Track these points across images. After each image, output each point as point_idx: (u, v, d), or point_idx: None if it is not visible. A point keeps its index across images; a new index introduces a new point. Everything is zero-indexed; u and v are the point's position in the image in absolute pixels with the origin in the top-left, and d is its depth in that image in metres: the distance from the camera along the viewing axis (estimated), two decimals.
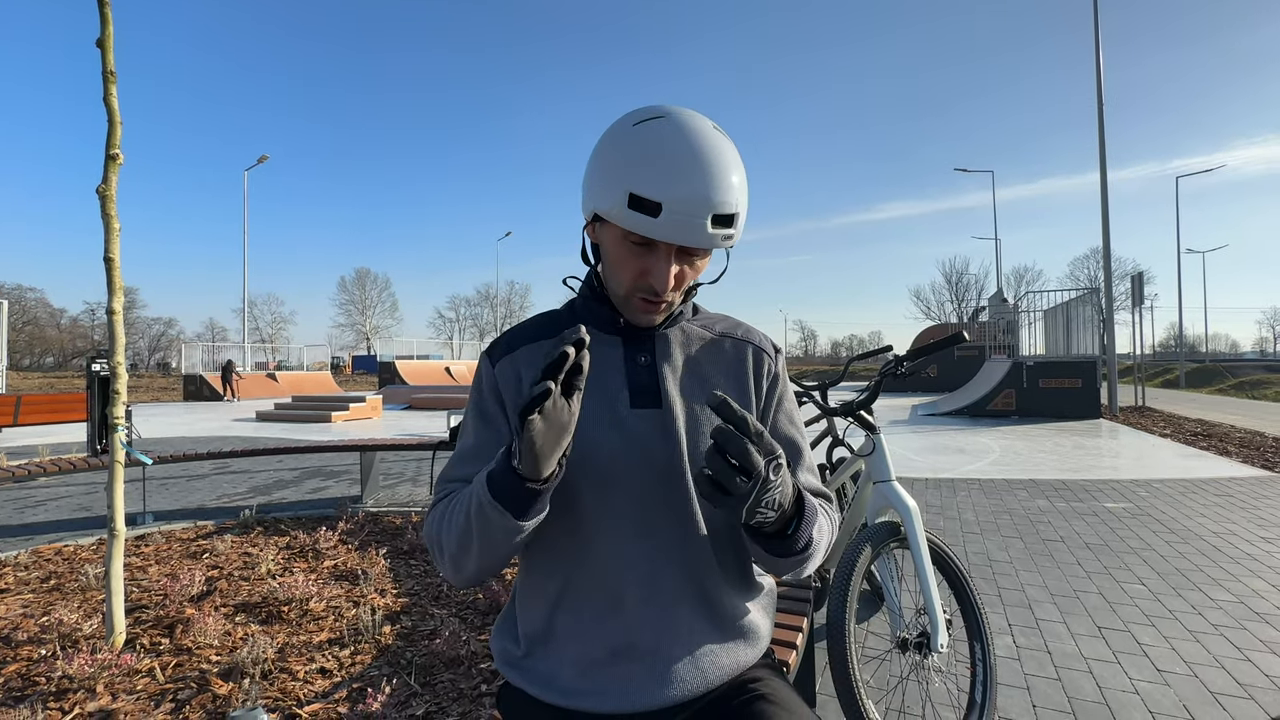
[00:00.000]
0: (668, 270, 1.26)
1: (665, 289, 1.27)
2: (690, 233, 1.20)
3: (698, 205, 1.19)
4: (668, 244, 1.25)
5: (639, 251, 1.27)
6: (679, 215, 1.19)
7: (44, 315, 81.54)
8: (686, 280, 1.32)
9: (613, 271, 1.33)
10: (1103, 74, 19.84)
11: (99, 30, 3.44)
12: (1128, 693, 3.14)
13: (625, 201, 1.20)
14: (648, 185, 1.19)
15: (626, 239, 1.26)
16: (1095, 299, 18.45)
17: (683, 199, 1.18)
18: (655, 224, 1.19)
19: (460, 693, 2.99)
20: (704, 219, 1.20)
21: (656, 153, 1.20)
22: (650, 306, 1.32)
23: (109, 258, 3.49)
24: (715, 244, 1.24)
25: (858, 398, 3.13)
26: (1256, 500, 7.22)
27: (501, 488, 1.11)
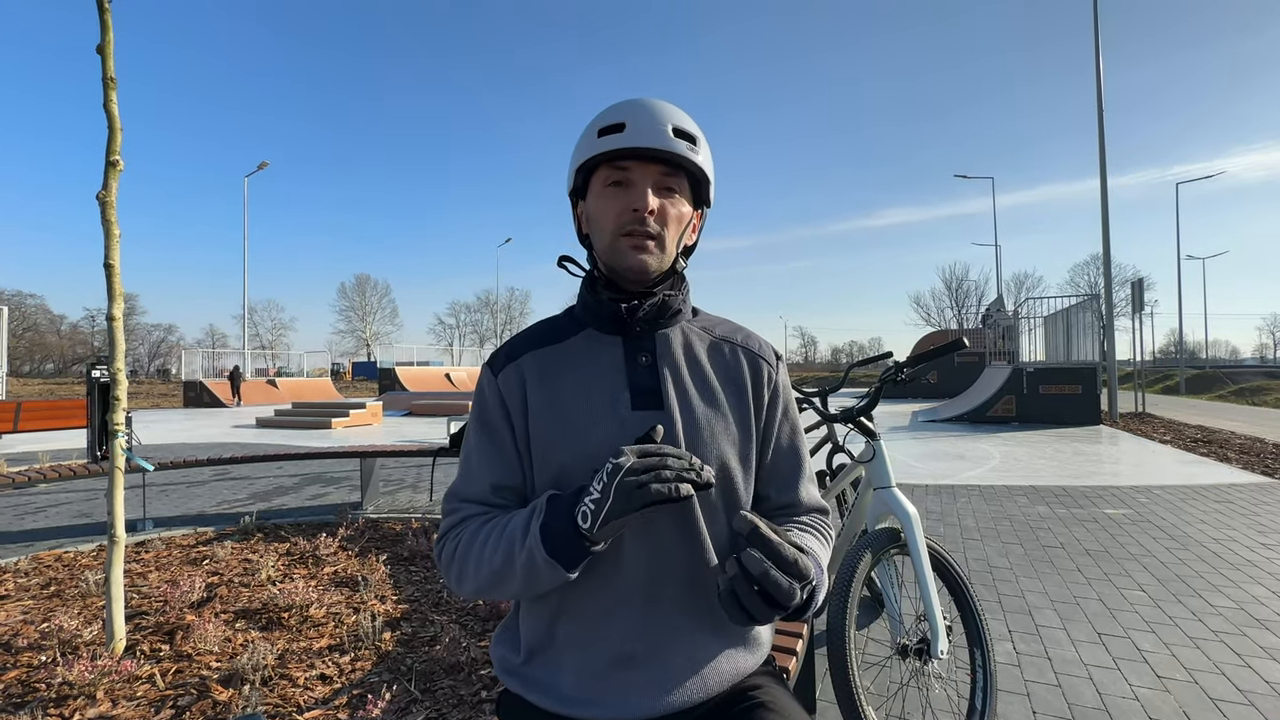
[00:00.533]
0: (646, 191, 1.32)
1: (645, 206, 1.31)
2: (655, 136, 1.31)
3: (656, 116, 1.32)
4: (642, 171, 1.33)
5: (617, 191, 1.34)
6: (641, 124, 1.31)
7: (44, 321, 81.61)
8: (669, 217, 1.35)
9: (599, 224, 1.37)
10: (1103, 79, 19.88)
11: (99, 36, 3.45)
12: (1128, 699, 3.14)
13: (595, 137, 1.33)
14: (612, 115, 1.33)
15: (605, 185, 1.35)
16: (1095, 305, 18.46)
17: (642, 114, 1.32)
18: (622, 136, 1.30)
19: (460, 699, 2.99)
20: (665, 126, 1.31)
21: (618, 103, 1.37)
22: (637, 241, 1.33)
23: (109, 264, 3.49)
24: (681, 151, 1.32)
25: (858, 404, 3.13)
26: (1256, 506, 7.22)
27: (563, 546, 1.16)
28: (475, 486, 1.37)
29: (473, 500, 1.36)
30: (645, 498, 1.08)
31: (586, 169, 1.37)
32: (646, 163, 1.33)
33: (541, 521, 1.18)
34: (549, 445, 1.33)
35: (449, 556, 1.32)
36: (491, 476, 1.36)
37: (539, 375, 1.38)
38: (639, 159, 1.32)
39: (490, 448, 1.38)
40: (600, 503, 1.11)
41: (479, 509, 1.35)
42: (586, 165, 1.36)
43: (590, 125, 1.36)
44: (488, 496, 1.36)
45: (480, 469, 1.37)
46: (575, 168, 1.38)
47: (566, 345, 1.41)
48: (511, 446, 1.37)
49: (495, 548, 1.23)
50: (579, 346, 1.41)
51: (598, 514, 1.11)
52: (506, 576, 1.22)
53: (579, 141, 1.38)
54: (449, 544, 1.33)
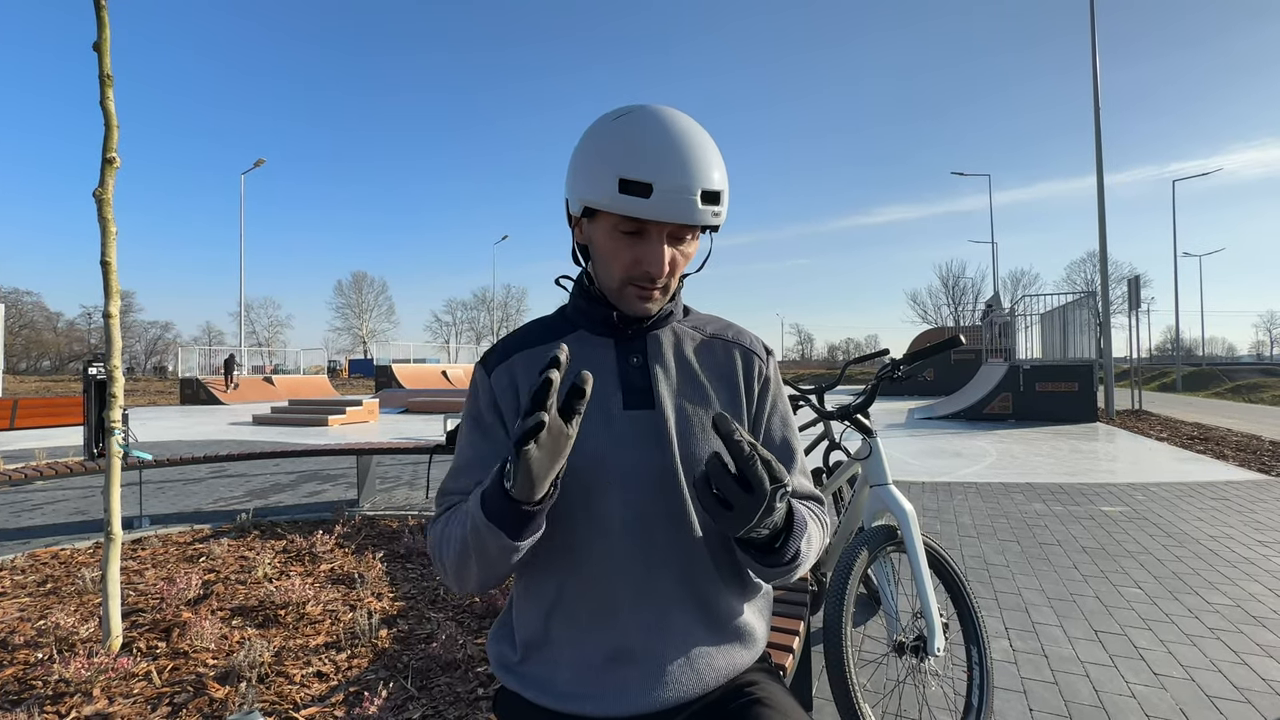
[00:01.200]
0: (661, 253, 1.28)
1: (661, 272, 1.28)
2: (681, 209, 1.23)
3: (686, 182, 1.22)
4: (659, 227, 1.26)
5: (630, 240, 1.28)
6: (669, 193, 1.21)
7: (41, 319, 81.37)
8: (679, 266, 1.33)
9: (605, 265, 1.33)
10: (1099, 77, 19.89)
11: (96, 33, 3.45)
12: (1124, 696, 3.15)
13: (615, 188, 1.22)
14: (636, 169, 1.21)
15: (617, 229, 1.28)
16: (1092, 302, 18.47)
17: (671, 177, 1.21)
18: (647, 204, 1.21)
19: (457, 696, 2.99)
20: (694, 195, 1.23)
21: (641, 139, 1.23)
22: (645, 294, 1.33)
23: (106, 261, 3.49)
24: (706, 220, 1.26)
25: (854, 401, 3.13)
26: (1253, 504, 7.23)
27: (495, 509, 1.12)
28: (465, 483, 1.36)
29: (461, 495, 1.36)
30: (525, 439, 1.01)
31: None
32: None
33: (481, 491, 1.16)
34: None
35: (435, 546, 1.32)
36: (481, 474, 1.35)
37: (527, 376, 1.38)
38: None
39: (481, 445, 1.38)
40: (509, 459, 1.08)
41: (462, 499, 1.35)
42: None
43: (603, 156, 1.25)
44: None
45: (471, 467, 1.37)
46: (584, 204, 1.30)
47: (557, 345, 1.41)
48: (502, 444, 1.37)
49: (457, 526, 1.23)
50: (571, 347, 1.40)
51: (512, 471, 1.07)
52: (465, 556, 1.20)
53: (587, 166, 1.28)
54: (433, 533, 1.35)
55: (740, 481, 1.07)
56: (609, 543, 1.29)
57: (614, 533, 1.29)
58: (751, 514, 1.08)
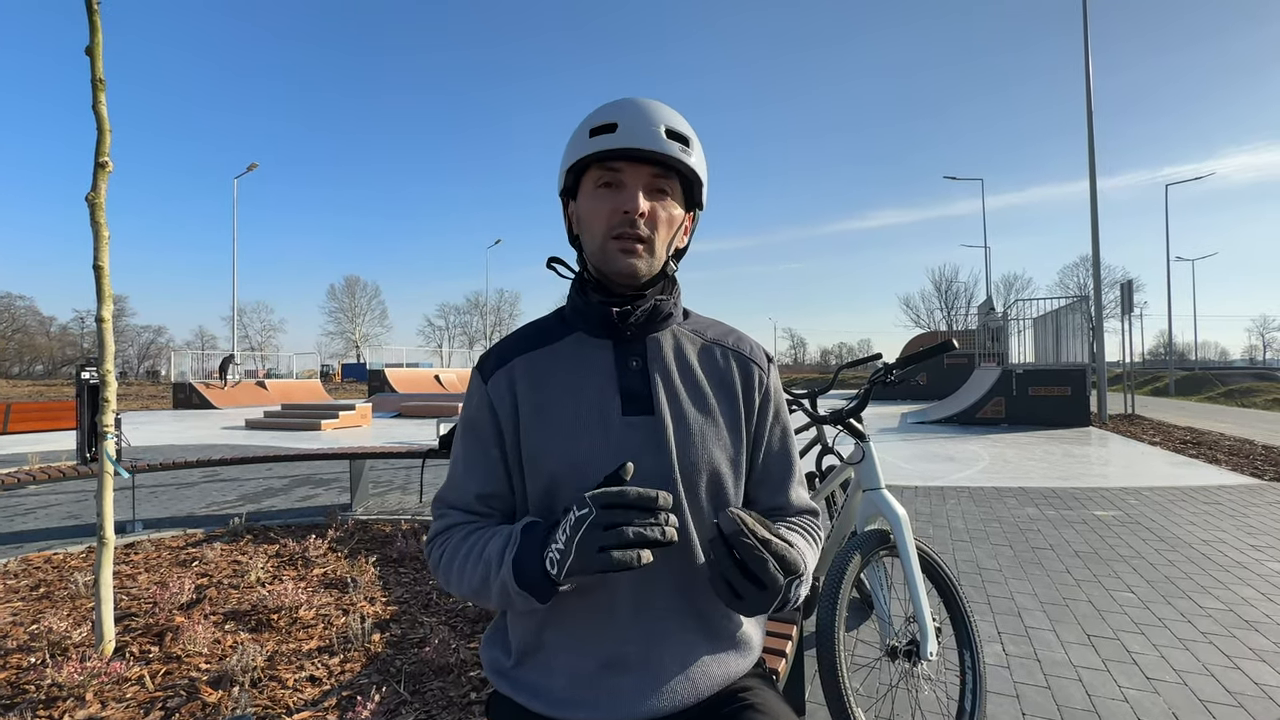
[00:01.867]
0: (637, 193, 1.31)
1: (636, 208, 1.30)
2: (648, 138, 1.29)
3: (649, 116, 1.31)
4: (633, 173, 1.32)
5: (609, 192, 1.33)
6: (633, 124, 1.29)
7: (33, 323, 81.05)
8: (659, 220, 1.34)
9: (589, 229, 1.36)
10: (1092, 81, 19.94)
11: (88, 38, 3.44)
12: (1117, 701, 3.15)
13: (587, 136, 1.31)
14: (604, 115, 1.32)
15: (596, 186, 1.34)
16: (1085, 307, 18.52)
17: (635, 114, 1.31)
18: (614, 137, 1.29)
19: (450, 701, 2.98)
20: (658, 127, 1.30)
21: (610, 103, 1.35)
22: (628, 244, 1.32)
23: (98, 265, 3.48)
24: (673, 152, 1.30)
25: (847, 405, 3.14)
26: (1245, 508, 7.25)
27: (531, 582, 1.17)
28: (461, 494, 1.39)
29: (459, 508, 1.39)
30: (603, 563, 1.08)
31: (578, 169, 1.36)
32: (638, 164, 1.31)
33: (514, 555, 1.20)
34: (538, 453, 1.33)
35: (435, 563, 1.36)
36: (477, 485, 1.38)
37: (528, 381, 1.37)
38: (630, 160, 1.31)
39: (477, 456, 1.39)
40: (564, 555, 1.12)
41: (464, 517, 1.38)
42: (577, 165, 1.35)
43: (582, 125, 1.34)
44: (473, 505, 1.38)
45: (467, 477, 1.39)
46: (566, 168, 1.37)
47: (556, 349, 1.41)
48: (498, 455, 1.38)
49: (474, 568, 1.26)
50: (568, 350, 1.40)
51: (561, 565, 1.12)
52: (484, 595, 1.25)
53: (570, 141, 1.37)
54: (435, 551, 1.37)
55: (752, 578, 1.12)
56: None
57: None
58: (765, 606, 1.15)
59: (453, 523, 1.37)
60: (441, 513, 1.41)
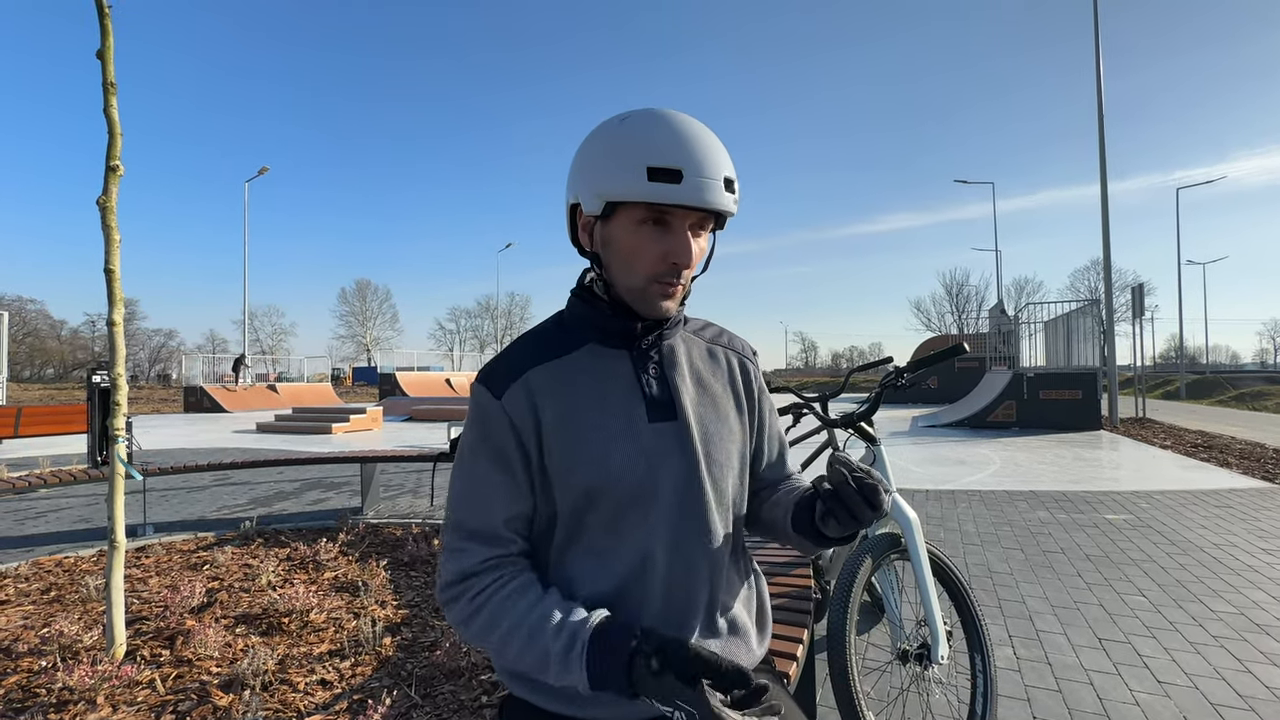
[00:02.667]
0: (688, 242, 1.27)
1: (689, 263, 1.28)
2: (710, 193, 1.22)
3: (711, 166, 1.23)
4: (683, 217, 1.26)
5: (656, 232, 1.26)
6: (699, 178, 1.21)
7: (44, 327, 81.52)
8: (696, 256, 1.32)
9: (626, 264, 1.29)
10: (1103, 84, 19.88)
11: (99, 41, 3.46)
12: (1128, 704, 3.14)
13: (644, 176, 1.20)
14: (664, 156, 1.21)
15: (642, 223, 1.26)
16: (1096, 310, 18.47)
17: (698, 162, 1.21)
18: (678, 190, 1.20)
19: (461, 704, 2.99)
20: (719, 180, 1.23)
21: (664, 131, 1.23)
22: (669, 290, 1.30)
23: (109, 269, 3.50)
24: (728, 206, 1.26)
25: (858, 409, 3.13)
26: (1257, 512, 7.22)
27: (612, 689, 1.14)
28: (485, 520, 1.30)
29: (482, 538, 1.30)
30: None
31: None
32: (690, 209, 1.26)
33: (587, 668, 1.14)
34: (569, 467, 1.29)
35: (462, 619, 1.27)
36: (503, 510, 1.30)
37: (548, 393, 1.32)
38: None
39: (498, 477, 1.31)
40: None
41: (488, 551, 1.29)
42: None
43: (626, 148, 1.23)
44: (500, 531, 1.30)
45: (488, 501, 1.30)
46: (605, 198, 1.26)
47: (571, 359, 1.37)
48: (522, 474, 1.31)
49: (524, 652, 1.20)
50: (585, 362, 1.37)
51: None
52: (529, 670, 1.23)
53: (607, 161, 1.26)
54: (461, 604, 1.27)
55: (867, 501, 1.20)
56: (638, 555, 1.29)
57: (643, 545, 1.29)
58: (869, 522, 1.23)
59: (477, 564, 1.28)
60: (460, 547, 1.30)
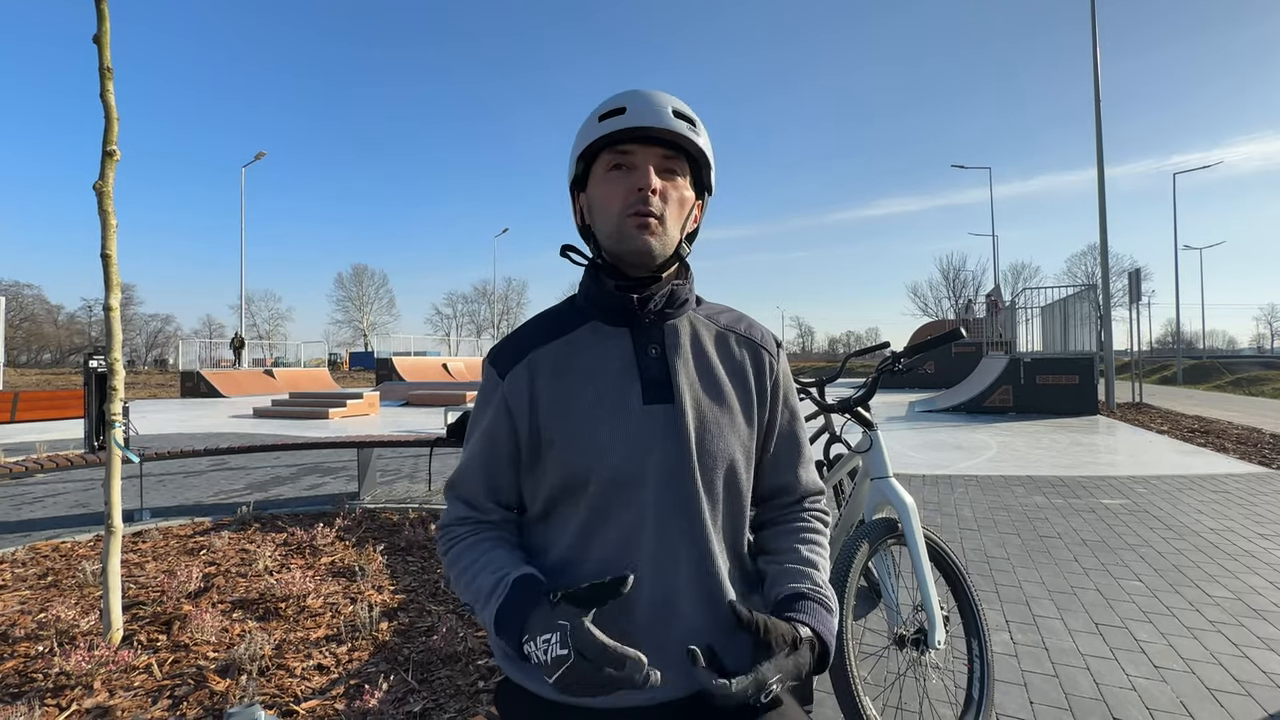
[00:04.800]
0: (648, 170, 1.33)
1: (648, 184, 1.32)
2: (656, 116, 1.32)
3: (656, 99, 1.34)
4: (643, 154, 1.35)
5: (621, 175, 1.35)
6: (641, 106, 1.32)
7: (41, 312, 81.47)
8: (671, 199, 1.36)
9: (603, 211, 1.37)
10: (1100, 69, 19.83)
11: (95, 26, 3.44)
12: (1125, 689, 3.15)
13: (596, 122, 1.34)
14: (612, 102, 1.35)
15: (608, 170, 1.36)
16: (1092, 295, 18.48)
17: (642, 98, 1.34)
18: (623, 118, 1.31)
19: (458, 689, 2.99)
20: (665, 108, 1.33)
21: (620, 90, 1.37)
22: (642, 221, 1.33)
23: (106, 254, 3.48)
24: (683, 130, 1.33)
25: (855, 394, 3.13)
26: (1254, 497, 7.24)
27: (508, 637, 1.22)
28: (472, 487, 1.43)
29: (466, 500, 1.44)
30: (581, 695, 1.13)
31: (588, 156, 1.38)
32: (648, 145, 1.34)
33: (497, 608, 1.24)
34: (558, 443, 1.34)
35: (443, 555, 1.42)
36: (486, 479, 1.42)
37: (547, 372, 1.38)
38: (640, 141, 1.33)
39: (489, 451, 1.41)
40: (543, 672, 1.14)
41: (468, 510, 1.43)
42: (588, 152, 1.37)
43: (591, 114, 1.37)
44: (481, 499, 1.43)
45: (478, 471, 1.42)
46: (577, 155, 1.39)
47: (573, 339, 1.41)
48: (509, 451, 1.40)
49: (467, 590, 1.33)
50: (586, 340, 1.40)
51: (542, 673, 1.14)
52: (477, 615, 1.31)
53: (580, 131, 1.39)
54: (443, 542, 1.42)
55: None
56: (625, 536, 1.31)
57: (630, 526, 1.30)
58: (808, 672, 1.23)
59: (462, 515, 1.42)
60: (452, 501, 1.45)
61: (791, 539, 1.46)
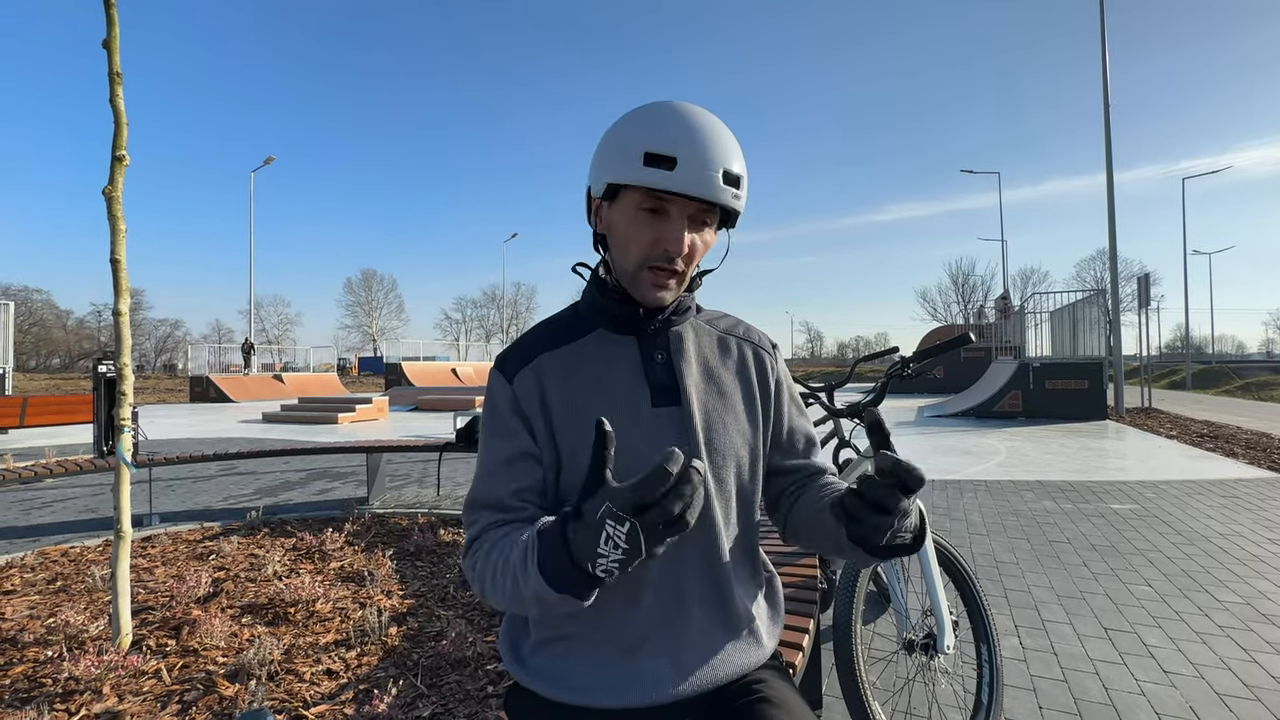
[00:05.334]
0: (682, 232, 1.28)
1: (679, 250, 1.28)
2: (704, 183, 1.24)
3: (710, 158, 1.24)
4: (680, 206, 1.27)
5: (651, 219, 1.29)
6: (692, 167, 1.23)
7: (50, 317, 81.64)
8: (697, 252, 1.33)
9: (623, 247, 1.33)
10: (1109, 75, 19.79)
11: (105, 31, 3.45)
12: (1134, 694, 3.14)
13: (640, 161, 1.23)
14: (662, 143, 1.23)
15: (639, 208, 1.29)
16: (1101, 300, 18.42)
17: (696, 152, 1.23)
18: (670, 176, 1.22)
19: (467, 694, 2.99)
20: (716, 172, 1.24)
21: (668, 120, 1.26)
22: (661, 279, 1.32)
23: (115, 259, 3.50)
24: (726, 199, 1.27)
25: (864, 399, 3.13)
26: (1263, 501, 7.21)
27: (565, 584, 1.08)
28: (491, 491, 1.33)
29: (490, 506, 1.32)
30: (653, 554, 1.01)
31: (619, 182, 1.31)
32: (688, 199, 1.27)
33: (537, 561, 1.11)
34: (572, 450, 1.32)
35: (471, 577, 1.28)
36: (508, 482, 1.32)
37: (555, 377, 1.37)
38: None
39: (507, 453, 1.34)
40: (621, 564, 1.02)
41: (494, 516, 1.31)
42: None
43: (630, 134, 1.27)
44: (505, 501, 1.31)
45: (497, 476, 1.33)
46: (606, 180, 1.31)
47: (580, 345, 1.41)
48: (532, 451, 1.34)
49: (504, 580, 1.18)
50: (593, 347, 1.40)
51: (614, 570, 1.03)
52: (520, 606, 1.17)
53: (613, 146, 1.30)
54: (468, 562, 1.30)
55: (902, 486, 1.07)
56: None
57: None
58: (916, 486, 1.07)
59: (484, 527, 1.31)
60: (473, 518, 1.33)
61: (823, 490, 1.40)
